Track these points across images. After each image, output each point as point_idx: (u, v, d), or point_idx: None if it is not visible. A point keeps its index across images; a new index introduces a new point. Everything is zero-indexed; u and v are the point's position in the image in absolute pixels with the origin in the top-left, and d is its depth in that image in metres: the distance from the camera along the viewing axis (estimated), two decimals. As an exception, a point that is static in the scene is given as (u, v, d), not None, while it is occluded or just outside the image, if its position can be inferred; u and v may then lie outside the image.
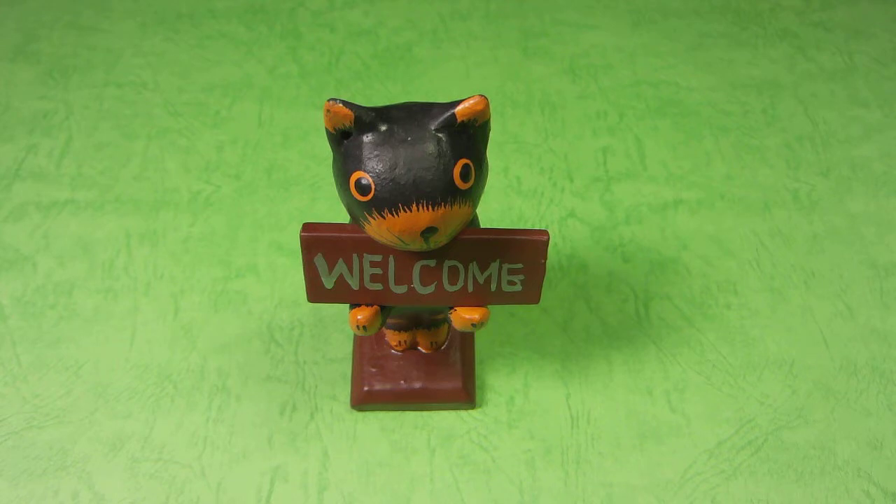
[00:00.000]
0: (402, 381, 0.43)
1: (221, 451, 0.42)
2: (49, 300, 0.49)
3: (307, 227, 0.33)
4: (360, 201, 0.29)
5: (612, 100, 0.62)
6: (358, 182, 0.29)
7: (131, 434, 0.42)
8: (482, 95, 0.29)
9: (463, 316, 0.35)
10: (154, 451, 0.42)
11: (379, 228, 0.30)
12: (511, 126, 0.60)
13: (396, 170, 0.28)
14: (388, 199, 0.29)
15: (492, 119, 0.61)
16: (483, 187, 0.31)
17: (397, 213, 0.29)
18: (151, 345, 0.46)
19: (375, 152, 0.29)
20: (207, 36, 0.68)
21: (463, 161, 0.29)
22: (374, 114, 0.29)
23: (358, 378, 0.43)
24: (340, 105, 0.29)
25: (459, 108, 0.29)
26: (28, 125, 0.60)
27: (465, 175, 0.29)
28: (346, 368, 0.45)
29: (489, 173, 0.33)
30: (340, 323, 0.48)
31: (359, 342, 0.44)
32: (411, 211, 0.29)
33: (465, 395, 0.43)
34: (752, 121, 0.61)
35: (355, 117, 0.29)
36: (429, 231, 0.29)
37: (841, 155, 0.58)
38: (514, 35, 0.68)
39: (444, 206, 0.29)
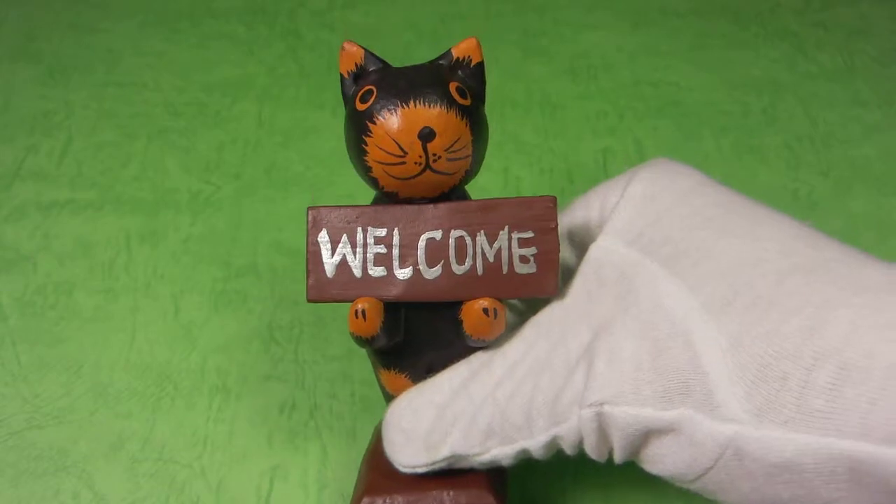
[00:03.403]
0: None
1: (221, 450, 0.42)
2: (49, 300, 0.49)
3: (312, 208, 0.34)
4: (362, 111, 0.31)
5: (612, 100, 0.62)
6: (364, 93, 0.32)
7: (131, 434, 0.42)
8: (474, 37, 0.33)
9: (474, 306, 0.33)
10: (154, 451, 0.42)
11: (378, 136, 0.31)
12: (511, 126, 0.60)
13: (399, 82, 0.31)
14: (386, 100, 0.31)
15: (491, 119, 0.61)
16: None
17: (395, 112, 0.30)
18: (151, 345, 0.46)
19: (381, 75, 0.33)
20: (207, 36, 0.68)
21: (458, 84, 0.32)
22: (382, 60, 0.34)
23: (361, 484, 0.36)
24: (355, 45, 0.33)
25: (455, 47, 0.33)
26: (28, 125, 0.60)
27: (461, 93, 0.32)
28: (346, 367, 0.45)
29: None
30: (340, 322, 0.48)
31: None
32: (408, 107, 0.30)
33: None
34: (752, 121, 0.61)
35: (365, 53, 0.33)
36: (427, 134, 0.30)
37: (841, 155, 0.58)
38: (514, 35, 0.68)
39: (441, 107, 0.31)
